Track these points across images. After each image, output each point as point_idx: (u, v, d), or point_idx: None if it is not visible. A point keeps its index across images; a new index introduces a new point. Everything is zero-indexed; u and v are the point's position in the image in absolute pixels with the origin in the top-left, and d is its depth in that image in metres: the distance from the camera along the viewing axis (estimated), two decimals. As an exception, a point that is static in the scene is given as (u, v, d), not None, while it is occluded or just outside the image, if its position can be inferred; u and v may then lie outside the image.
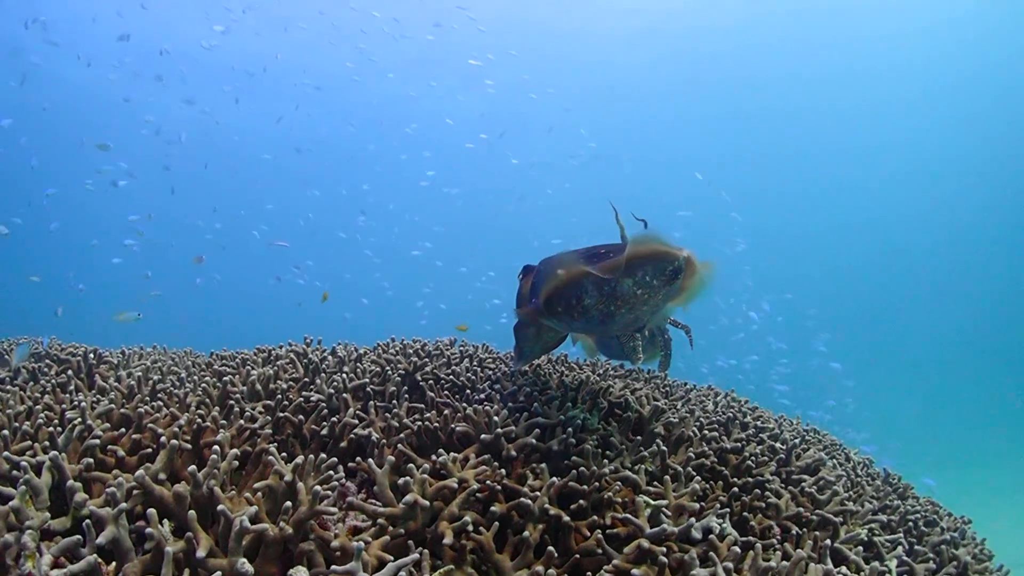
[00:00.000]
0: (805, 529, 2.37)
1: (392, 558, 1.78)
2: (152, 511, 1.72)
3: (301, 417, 2.49)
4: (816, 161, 38.99)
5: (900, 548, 2.51)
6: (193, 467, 1.86)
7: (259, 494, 1.94)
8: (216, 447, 1.97)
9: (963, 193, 39.68)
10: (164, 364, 3.33)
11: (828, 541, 2.25)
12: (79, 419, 2.14)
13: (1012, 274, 39.25)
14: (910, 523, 2.78)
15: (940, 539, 2.74)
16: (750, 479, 2.51)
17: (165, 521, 1.86)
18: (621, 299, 2.13)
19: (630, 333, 2.60)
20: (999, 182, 38.00)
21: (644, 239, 2.05)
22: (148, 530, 1.68)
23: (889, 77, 33.75)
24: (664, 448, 2.42)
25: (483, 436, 2.31)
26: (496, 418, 2.33)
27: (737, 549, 2.02)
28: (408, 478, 1.99)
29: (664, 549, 1.91)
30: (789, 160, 39.12)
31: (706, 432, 2.70)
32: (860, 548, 2.37)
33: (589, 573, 1.93)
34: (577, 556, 1.99)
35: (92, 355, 3.08)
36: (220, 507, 1.75)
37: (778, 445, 2.79)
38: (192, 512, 1.73)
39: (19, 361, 2.87)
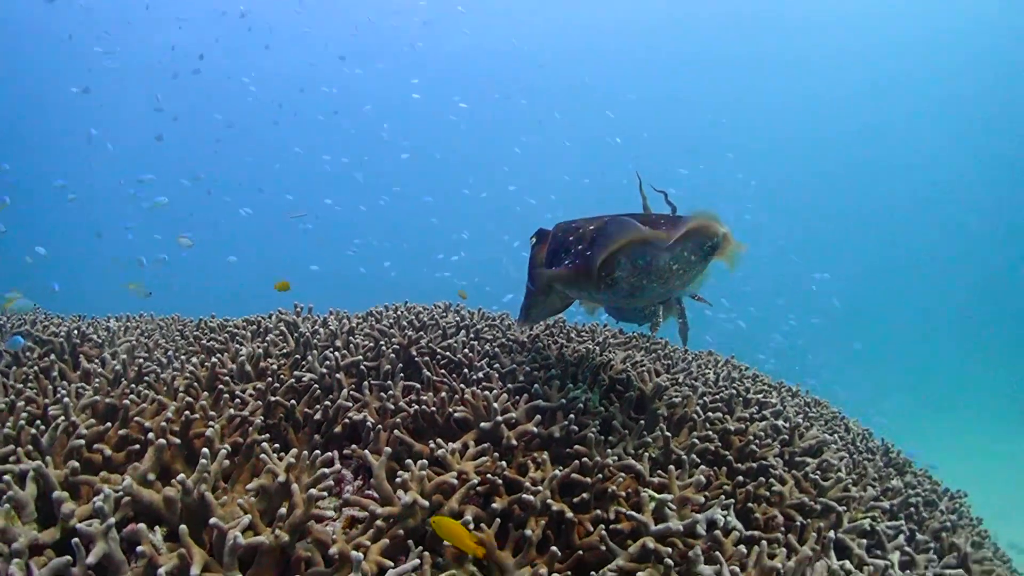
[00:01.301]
0: (809, 519, 2.34)
1: (392, 564, 1.74)
2: (142, 527, 1.66)
3: (293, 401, 2.41)
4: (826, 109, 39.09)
5: (902, 536, 2.50)
6: (182, 475, 1.80)
7: (252, 496, 1.89)
8: (205, 449, 1.90)
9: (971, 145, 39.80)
10: (151, 339, 3.24)
11: (831, 532, 2.20)
12: (62, 416, 2.06)
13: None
14: (911, 508, 2.79)
15: (940, 525, 2.75)
16: (753, 464, 2.47)
17: (157, 528, 1.81)
18: (655, 273, 2.08)
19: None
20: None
21: (697, 213, 2.00)
22: (140, 548, 1.62)
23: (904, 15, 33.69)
24: (668, 433, 2.37)
25: (482, 424, 2.24)
26: (495, 404, 2.26)
27: (743, 548, 1.97)
28: (406, 475, 1.92)
29: (669, 550, 1.87)
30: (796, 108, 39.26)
31: (709, 413, 2.65)
32: (863, 540, 2.34)
33: (593, 573, 1.88)
34: (580, 552, 1.94)
35: (76, 333, 2.99)
36: (212, 520, 1.69)
37: (781, 424, 2.75)
38: (183, 527, 1.67)
39: (9, 347, 2.78)
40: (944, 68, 36.78)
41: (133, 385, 2.45)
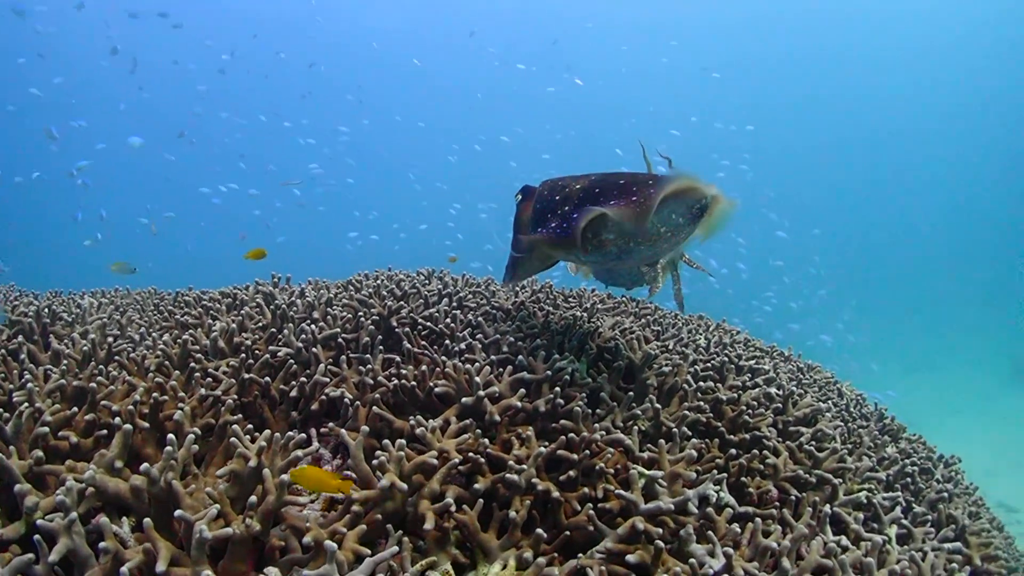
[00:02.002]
0: (804, 493, 2.28)
1: (369, 552, 1.66)
2: (104, 520, 1.58)
3: (268, 378, 2.32)
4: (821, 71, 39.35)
5: (898, 508, 2.45)
6: (146, 465, 1.70)
7: (224, 481, 1.81)
8: (171, 435, 1.81)
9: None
10: (124, 315, 3.14)
11: (827, 506, 2.15)
12: (26, 403, 1.97)
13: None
14: (907, 478, 2.74)
15: (936, 495, 2.71)
16: (746, 435, 2.41)
17: (125, 519, 1.73)
18: (643, 236, 2.05)
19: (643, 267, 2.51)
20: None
21: (675, 176, 1.94)
22: (103, 544, 1.54)
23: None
24: (657, 405, 2.29)
25: (464, 399, 2.15)
26: (477, 378, 2.18)
27: (736, 527, 1.91)
28: (384, 456, 1.84)
29: (660, 530, 1.79)
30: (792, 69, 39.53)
31: (701, 383, 2.58)
32: (859, 514, 2.29)
33: (581, 555, 1.80)
34: (567, 532, 1.86)
35: (46, 312, 2.89)
36: (178, 512, 1.60)
37: (774, 391, 2.69)
38: (148, 520, 1.59)
39: None
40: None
41: (102, 366, 2.35)
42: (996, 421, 17.59)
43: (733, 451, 2.28)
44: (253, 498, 1.66)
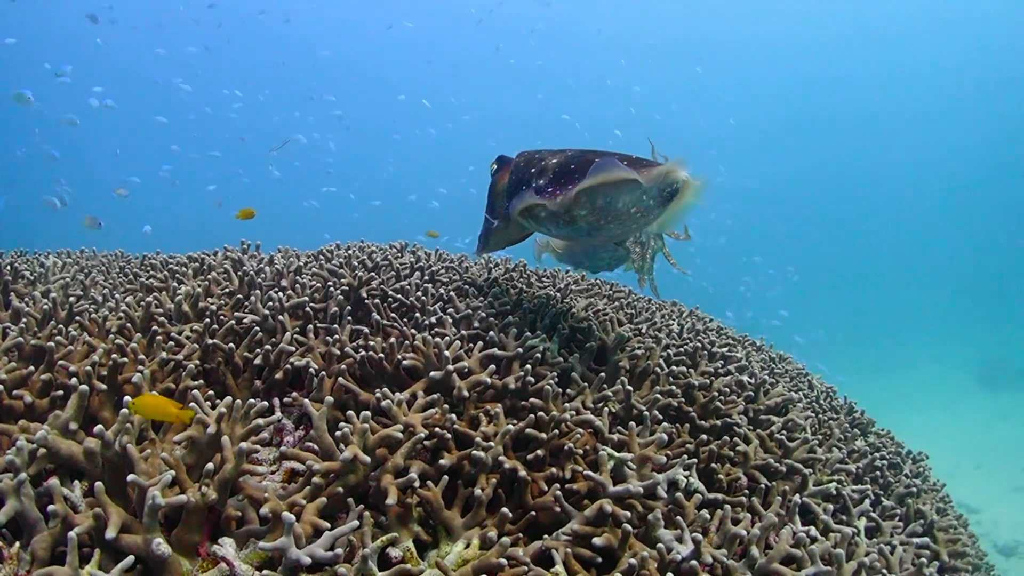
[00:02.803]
0: (773, 482, 2.27)
1: (328, 526, 1.61)
2: (53, 482, 1.52)
3: (232, 345, 2.26)
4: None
5: (867, 501, 2.45)
6: (100, 427, 1.65)
7: (182, 448, 1.76)
8: (128, 397, 1.75)
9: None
10: (89, 276, 3.07)
11: (796, 496, 2.13)
12: (-22, 359, 1.91)
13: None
14: (876, 471, 2.74)
15: (905, 490, 2.71)
16: (717, 421, 2.38)
17: (77, 483, 1.69)
18: (613, 214, 2.10)
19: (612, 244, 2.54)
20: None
21: (649, 160, 2.07)
22: (51, 508, 1.49)
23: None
24: (629, 387, 2.26)
25: (433, 373, 2.11)
26: (447, 352, 2.13)
27: (706, 513, 1.88)
28: (347, 428, 1.79)
29: (628, 514, 1.76)
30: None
31: (673, 367, 2.55)
32: (829, 505, 2.29)
33: (546, 536, 1.76)
34: (533, 513, 1.82)
35: (8, 270, 2.81)
36: (131, 477, 1.54)
37: (746, 379, 2.67)
38: (99, 484, 1.54)
39: None
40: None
41: (62, 326, 2.29)
42: (959, 423, 17.82)
43: (704, 437, 2.25)
44: (210, 466, 1.61)
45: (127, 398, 1.71)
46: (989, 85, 40.01)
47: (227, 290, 2.67)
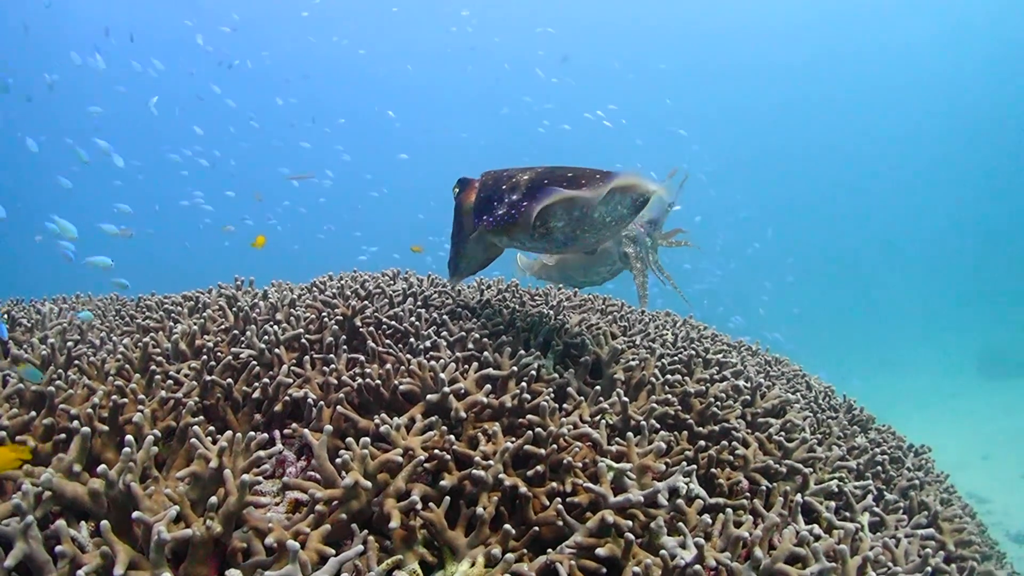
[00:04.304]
0: (774, 483, 2.28)
1: (333, 552, 1.62)
2: (61, 524, 1.53)
3: (230, 380, 2.27)
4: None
5: (870, 496, 2.45)
6: (103, 467, 1.67)
7: (185, 483, 1.77)
8: (129, 436, 1.77)
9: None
10: (84, 321, 3.09)
11: (798, 496, 2.14)
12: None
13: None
14: (878, 466, 2.74)
15: (908, 483, 2.71)
16: (715, 427, 2.40)
17: (83, 524, 1.70)
18: (588, 224, 2.22)
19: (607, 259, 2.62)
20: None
21: (622, 172, 2.12)
22: (59, 548, 1.50)
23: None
24: (625, 399, 2.27)
25: (429, 396, 2.12)
26: (443, 375, 2.14)
27: (707, 518, 1.89)
28: (347, 455, 1.80)
29: (630, 523, 1.77)
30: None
31: (668, 376, 2.57)
32: (831, 503, 2.29)
33: (550, 550, 1.78)
34: (536, 528, 1.83)
35: (4, 317, 2.83)
36: (136, 514, 1.56)
37: (742, 384, 2.68)
38: (105, 523, 1.55)
39: None
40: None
41: (61, 370, 2.31)
42: (963, 415, 17.81)
43: (702, 443, 2.28)
44: (213, 499, 1.62)
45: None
46: (989, 78, 40.23)
47: (223, 327, 2.69)
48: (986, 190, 42.86)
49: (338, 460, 1.80)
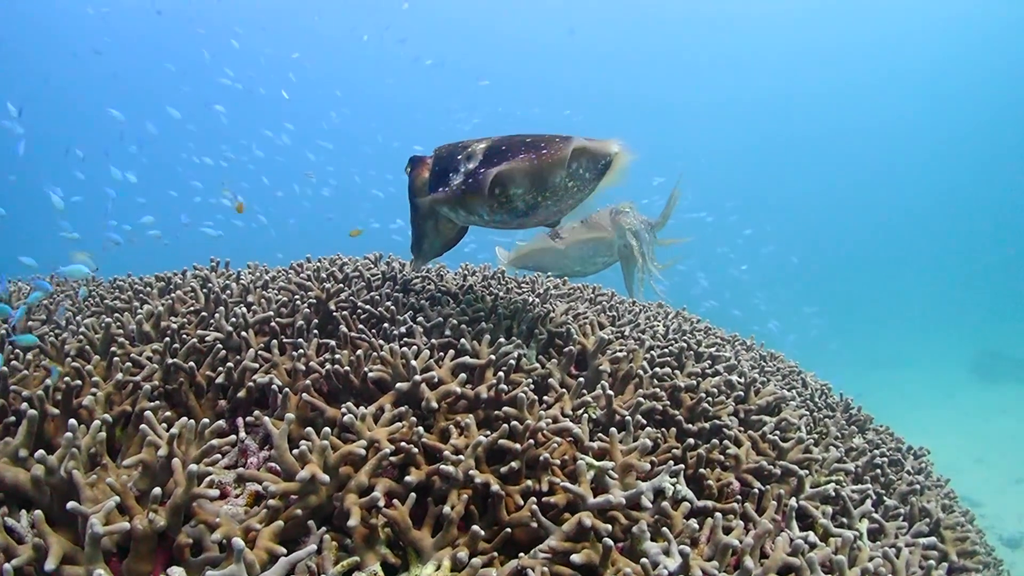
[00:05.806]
0: (768, 485, 2.16)
1: (285, 551, 1.50)
2: None
3: (192, 364, 2.15)
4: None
5: (869, 502, 2.34)
6: (41, 452, 1.55)
7: (134, 472, 1.66)
8: (72, 420, 1.66)
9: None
10: (53, 300, 2.98)
11: (793, 500, 2.03)
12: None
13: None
14: (876, 469, 2.64)
15: (908, 487, 2.61)
16: (706, 424, 2.28)
17: (23, 513, 1.59)
18: (550, 190, 2.14)
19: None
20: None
21: (588, 137, 2.10)
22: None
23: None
24: (610, 392, 2.16)
25: (399, 385, 2.00)
26: (414, 362, 2.02)
27: (695, 523, 1.77)
28: (306, 446, 1.68)
29: (609, 527, 1.65)
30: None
31: (657, 369, 2.45)
32: (827, 508, 2.19)
33: (523, 554, 1.65)
34: (509, 530, 1.71)
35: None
36: (71, 504, 1.45)
37: (735, 379, 2.56)
38: (39, 512, 1.44)
39: None
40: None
41: (19, 350, 2.19)
42: (957, 418, 17.82)
43: (691, 441, 2.15)
44: (157, 490, 1.51)
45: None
46: (984, 79, 40.27)
47: (193, 308, 2.57)
48: (984, 190, 42.93)
49: (295, 452, 1.68)
